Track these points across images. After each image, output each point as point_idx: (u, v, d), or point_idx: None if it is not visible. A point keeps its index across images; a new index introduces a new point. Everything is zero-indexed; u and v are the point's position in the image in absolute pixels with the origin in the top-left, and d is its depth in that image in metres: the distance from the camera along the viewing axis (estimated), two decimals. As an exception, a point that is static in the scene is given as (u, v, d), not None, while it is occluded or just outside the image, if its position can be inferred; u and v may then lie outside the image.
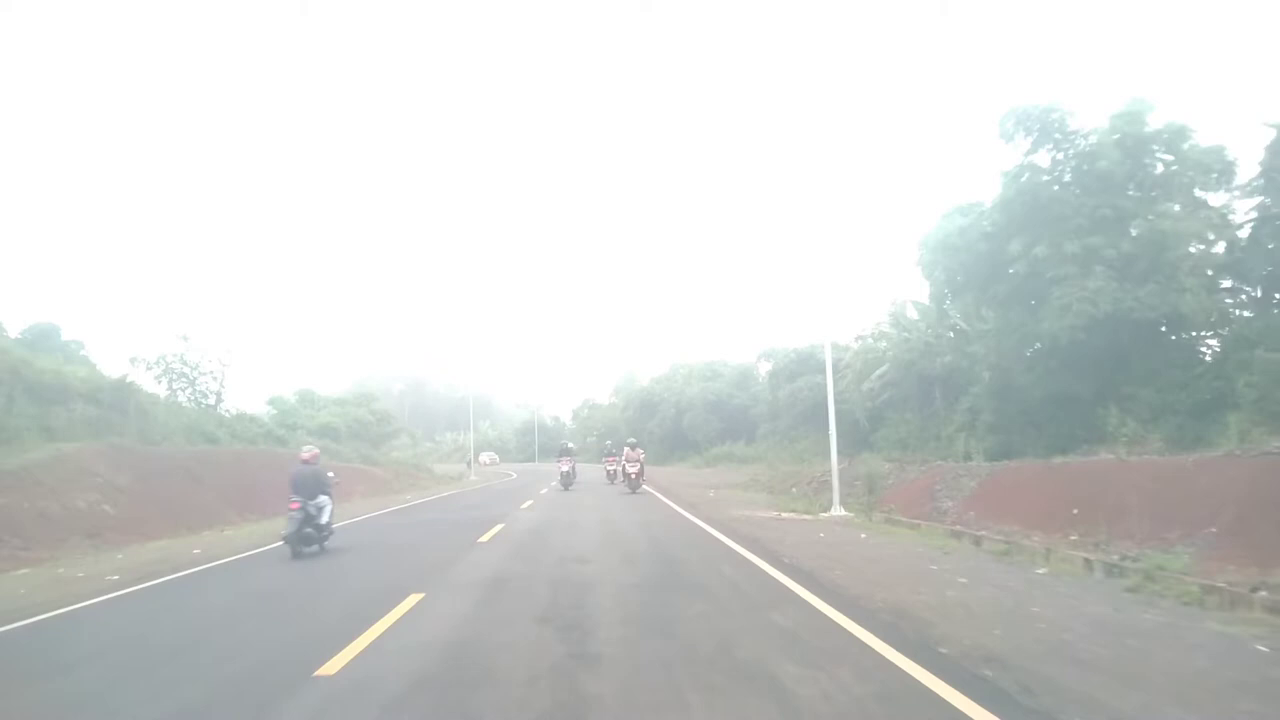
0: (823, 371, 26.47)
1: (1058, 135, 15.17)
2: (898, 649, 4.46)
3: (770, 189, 56.71)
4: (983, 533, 10.39)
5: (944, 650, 4.45)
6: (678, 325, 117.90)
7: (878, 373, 21.51)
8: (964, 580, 6.85)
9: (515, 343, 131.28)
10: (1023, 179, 15.43)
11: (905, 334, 21.06)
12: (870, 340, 22.83)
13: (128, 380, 19.15)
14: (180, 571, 8.82)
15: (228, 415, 25.36)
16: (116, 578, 8.37)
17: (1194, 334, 14.75)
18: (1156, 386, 14.37)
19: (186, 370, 24.48)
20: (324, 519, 9.67)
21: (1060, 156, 15.34)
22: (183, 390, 24.39)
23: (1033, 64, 66.55)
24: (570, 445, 28.73)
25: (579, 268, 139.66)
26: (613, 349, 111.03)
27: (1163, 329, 14.49)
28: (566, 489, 23.46)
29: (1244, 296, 14.36)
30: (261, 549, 10.60)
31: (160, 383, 24.02)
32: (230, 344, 28.82)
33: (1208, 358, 14.70)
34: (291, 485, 9.43)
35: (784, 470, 22.61)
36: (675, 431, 45.79)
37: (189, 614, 6.56)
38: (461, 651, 4.64)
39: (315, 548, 9.59)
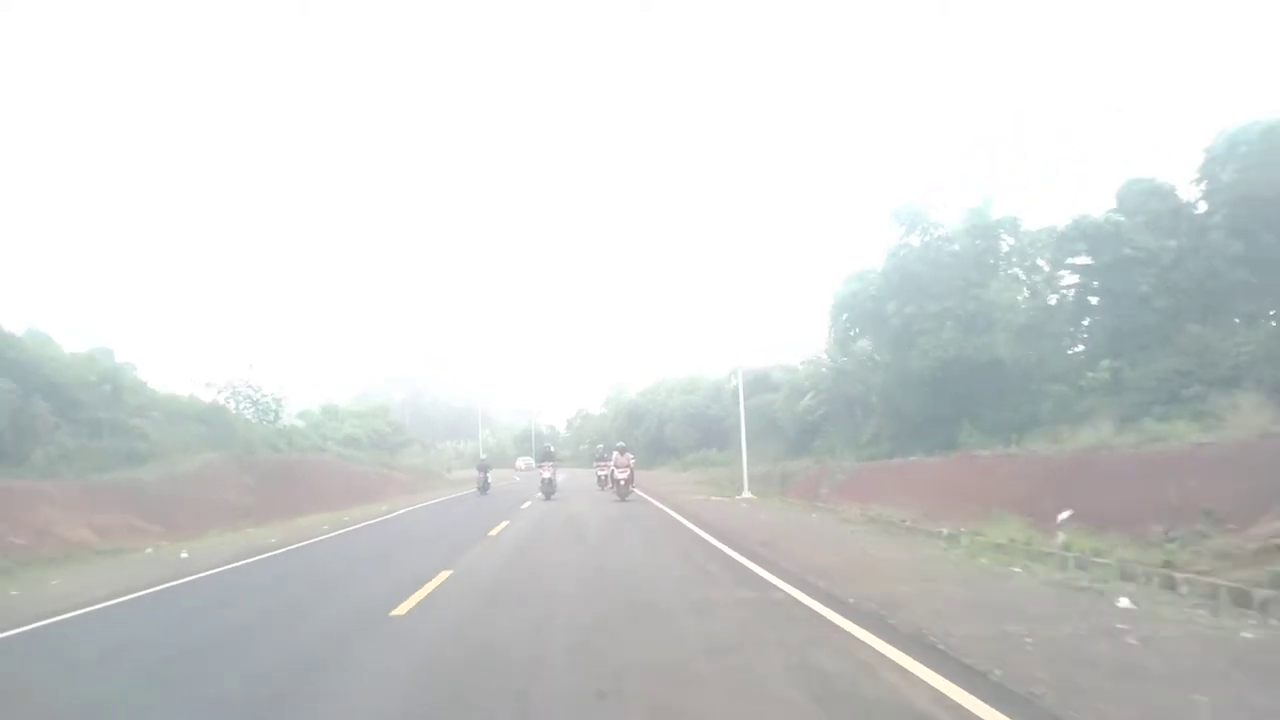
0: (776, 390, 32.10)
1: (924, 225, 20.80)
2: (716, 538, 9.96)
3: (740, 231, 62.92)
4: (828, 505, 15.94)
5: (738, 540, 9.95)
6: (664, 341, 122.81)
7: (809, 395, 27.13)
8: (782, 522, 12.37)
9: (512, 355, 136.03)
10: (899, 255, 21.04)
11: (823, 366, 26.74)
12: (803, 367, 28.53)
13: (222, 404, 24.48)
14: (318, 537, 14.23)
15: (283, 429, 30.73)
16: (275, 540, 13.69)
17: (1016, 370, 20.32)
18: (995, 408, 19.86)
19: (250, 392, 29.77)
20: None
21: (926, 239, 20.95)
22: (247, 409, 29.64)
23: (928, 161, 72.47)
24: (551, 448, 27.49)
25: (574, 285, 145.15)
26: (604, 362, 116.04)
27: (992, 368, 20.08)
28: (549, 498, 22.41)
29: (1050, 343, 19.91)
30: (365, 523, 16.02)
31: (229, 403, 29.27)
32: (284, 369, 34.10)
33: (1030, 387, 20.26)
34: (478, 467, 25.17)
35: (737, 471, 28.10)
36: (658, 439, 51.35)
37: (339, 558, 11.91)
38: (534, 533, 10.09)
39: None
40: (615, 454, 22.09)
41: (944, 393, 20.52)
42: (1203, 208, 18.11)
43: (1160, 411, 14.28)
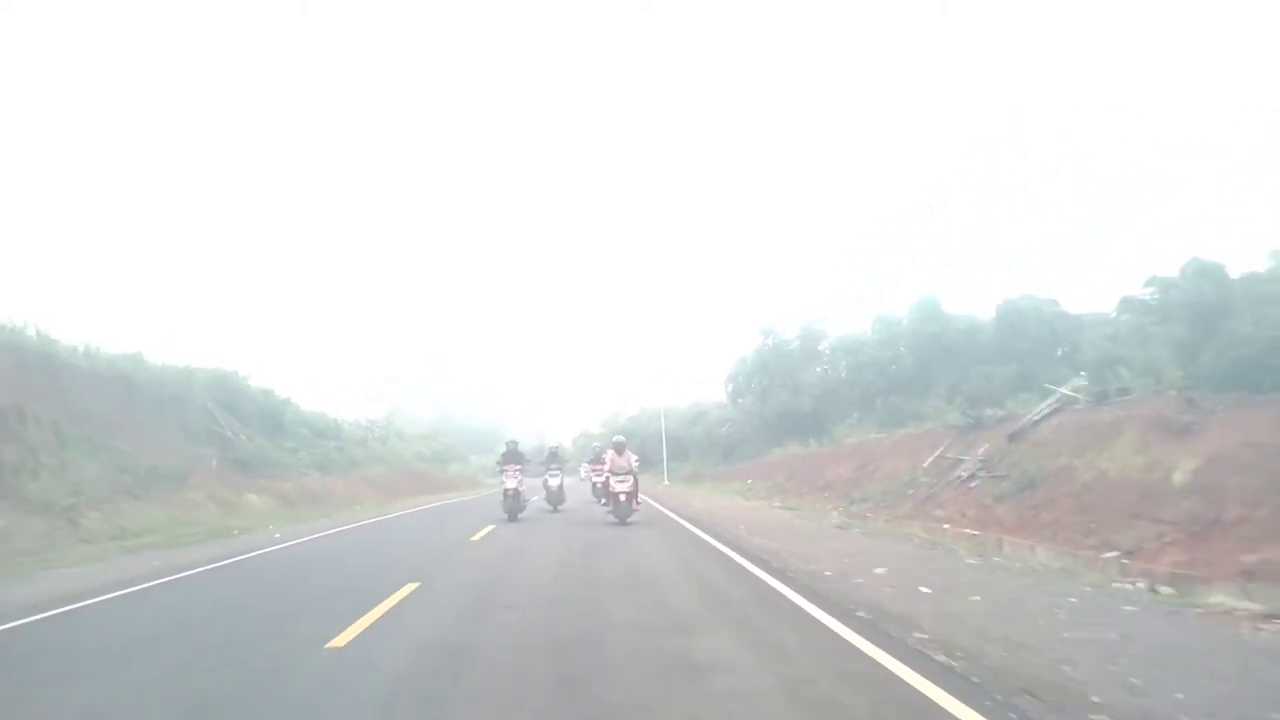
0: (723, 424, 48.89)
1: (773, 336, 37.89)
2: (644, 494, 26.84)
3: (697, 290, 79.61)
4: (717, 485, 32.94)
5: (650, 492, 26.76)
6: (648, 373, 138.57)
7: (726, 425, 44.06)
8: (680, 492, 29.25)
9: (523, 380, 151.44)
10: (762, 350, 38.11)
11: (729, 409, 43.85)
12: (718, 410, 45.70)
13: (338, 421, 41.06)
14: (425, 507, 31.03)
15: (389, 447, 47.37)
16: (396, 514, 30.48)
17: (815, 412, 37.24)
18: (804, 431, 36.62)
19: (367, 417, 46.36)
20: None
21: (775, 343, 38.01)
22: (358, 429, 46.08)
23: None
24: (557, 449, 21.67)
25: (579, 320, 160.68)
26: (604, 388, 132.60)
27: (806, 412, 37.06)
28: (555, 509, 19.36)
29: (831, 399, 36.80)
30: (457, 500, 32.76)
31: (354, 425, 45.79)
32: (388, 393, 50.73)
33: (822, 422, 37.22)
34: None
35: (685, 474, 45.00)
36: (643, 456, 68.54)
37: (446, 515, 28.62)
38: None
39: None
40: (611, 453, 15.90)
41: (782, 426, 37.65)
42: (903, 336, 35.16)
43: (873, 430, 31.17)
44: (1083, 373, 16.80)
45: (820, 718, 3.84)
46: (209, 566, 10.37)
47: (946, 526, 11.29)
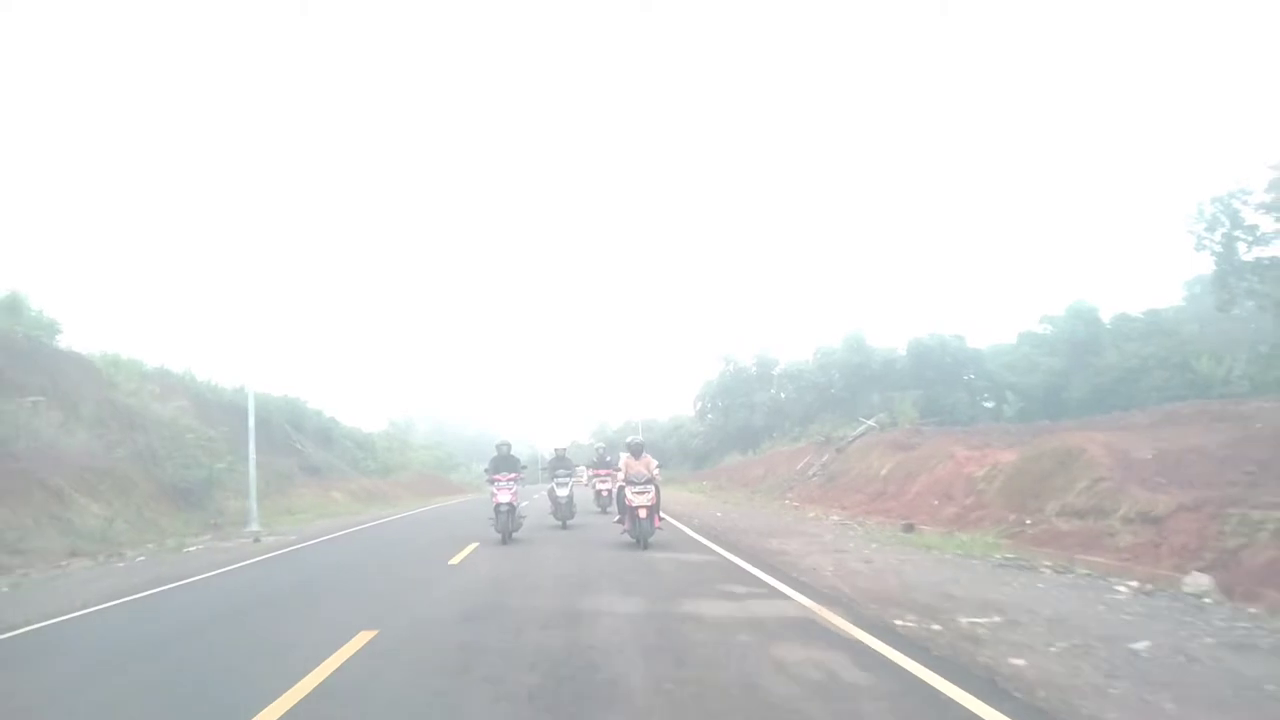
0: (695, 436, 56.84)
1: (733, 363, 45.98)
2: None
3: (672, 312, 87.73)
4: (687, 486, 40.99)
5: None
6: (640, 382, 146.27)
7: (698, 437, 51.98)
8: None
9: (516, 391, 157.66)
10: (725, 374, 46.16)
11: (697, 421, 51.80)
12: (692, 423, 53.74)
13: (370, 434, 48.61)
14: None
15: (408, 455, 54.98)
16: (420, 510, 38.22)
17: (765, 429, 45.23)
18: (754, 443, 44.46)
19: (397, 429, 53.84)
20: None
21: (735, 369, 46.05)
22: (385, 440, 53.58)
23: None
24: (566, 450, 17.97)
25: (568, 333, 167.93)
26: (594, 398, 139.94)
27: (757, 428, 45.05)
28: (564, 525, 15.60)
29: (778, 418, 44.81)
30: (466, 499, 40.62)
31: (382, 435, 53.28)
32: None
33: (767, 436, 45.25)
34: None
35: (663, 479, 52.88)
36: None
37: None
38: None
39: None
40: (625, 457, 12.27)
41: (741, 439, 45.70)
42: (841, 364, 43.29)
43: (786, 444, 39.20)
44: (877, 415, 24.40)
45: (683, 573, 11.58)
46: (368, 524, 18.20)
47: (788, 500, 19.35)
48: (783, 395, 44.64)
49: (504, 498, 12.66)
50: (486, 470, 13.80)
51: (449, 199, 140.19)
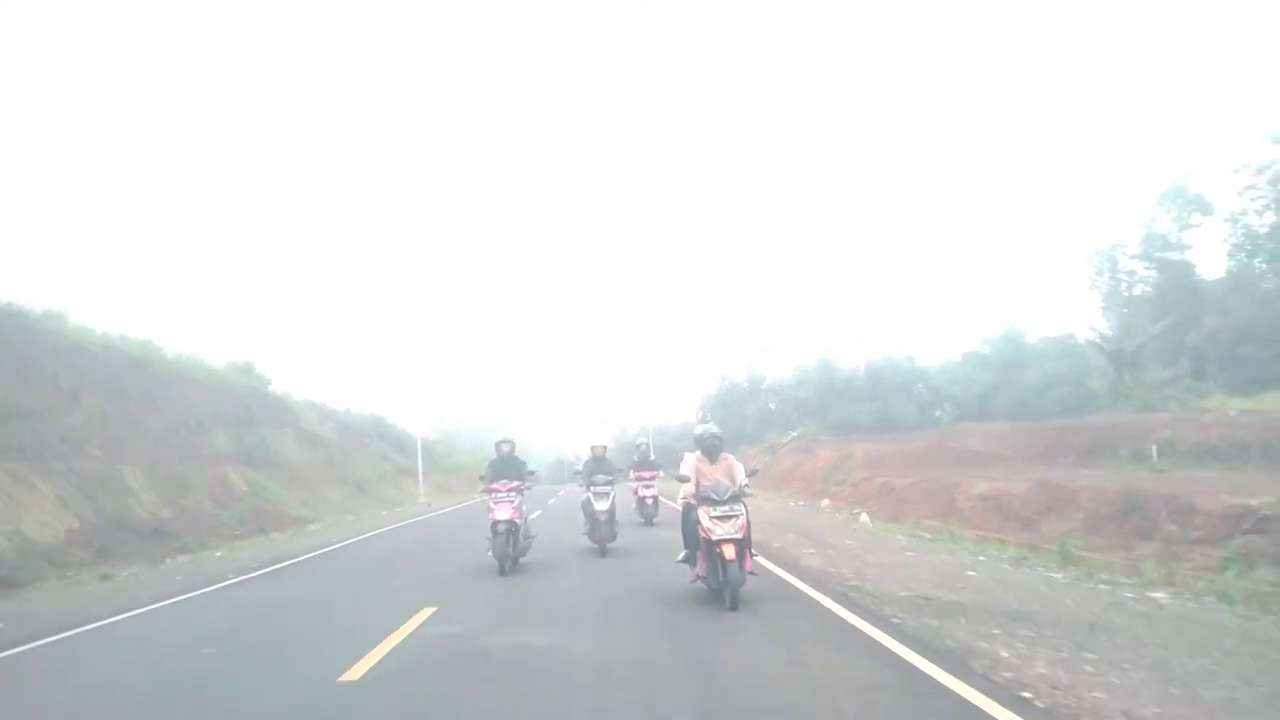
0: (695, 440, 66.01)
1: (728, 379, 55.21)
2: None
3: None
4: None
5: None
6: (652, 389, 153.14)
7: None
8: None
9: (541, 398, 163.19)
10: (721, 388, 55.43)
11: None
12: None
13: (431, 439, 58.30)
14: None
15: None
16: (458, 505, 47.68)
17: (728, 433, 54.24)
18: (752, 444, 53.48)
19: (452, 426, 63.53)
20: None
21: (730, 384, 55.26)
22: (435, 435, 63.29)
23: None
24: (604, 450, 13.39)
25: (591, 340, 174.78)
26: (613, 404, 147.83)
27: (749, 433, 54.13)
28: (602, 550, 11.33)
29: (768, 424, 53.88)
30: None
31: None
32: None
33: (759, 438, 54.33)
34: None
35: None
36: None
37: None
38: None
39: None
40: (694, 459, 7.77)
41: (733, 444, 54.96)
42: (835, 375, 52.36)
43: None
44: (800, 428, 33.31)
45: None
46: (462, 505, 27.79)
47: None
48: (771, 406, 53.68)
49: (503, 514, 9.56)
50: (483, 477, 10.24)
51: (471, 219, 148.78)
